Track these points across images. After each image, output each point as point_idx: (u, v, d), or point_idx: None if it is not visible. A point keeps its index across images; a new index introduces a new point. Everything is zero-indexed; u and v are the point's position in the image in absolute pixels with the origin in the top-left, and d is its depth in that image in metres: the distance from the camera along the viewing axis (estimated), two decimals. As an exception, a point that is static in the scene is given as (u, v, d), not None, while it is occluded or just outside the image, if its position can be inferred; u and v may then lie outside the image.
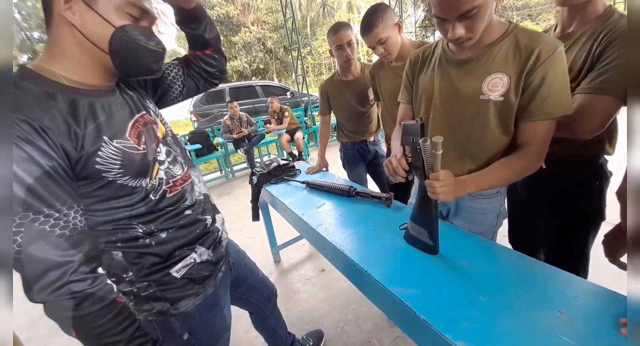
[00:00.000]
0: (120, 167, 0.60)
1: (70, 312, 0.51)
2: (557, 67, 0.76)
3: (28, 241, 0.48)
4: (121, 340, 0.56)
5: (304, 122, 5.45)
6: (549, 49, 0.76)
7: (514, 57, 0.80)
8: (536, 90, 0.79)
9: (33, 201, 0.48)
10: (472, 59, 0.86)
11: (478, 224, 1.03)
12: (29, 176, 0.48)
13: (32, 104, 0.52)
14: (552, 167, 1.00)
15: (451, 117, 0.93)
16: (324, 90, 1.94)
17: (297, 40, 6.18)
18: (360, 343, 1.51)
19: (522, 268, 0.80)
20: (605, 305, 0.66)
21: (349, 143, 2.00)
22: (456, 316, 0.67)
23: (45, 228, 0.49)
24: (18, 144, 0.48)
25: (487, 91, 0.84)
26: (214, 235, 0.81)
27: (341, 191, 1.41)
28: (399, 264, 0.89)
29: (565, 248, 1.06)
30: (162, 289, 0.70)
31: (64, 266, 0.51)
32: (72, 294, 0.51)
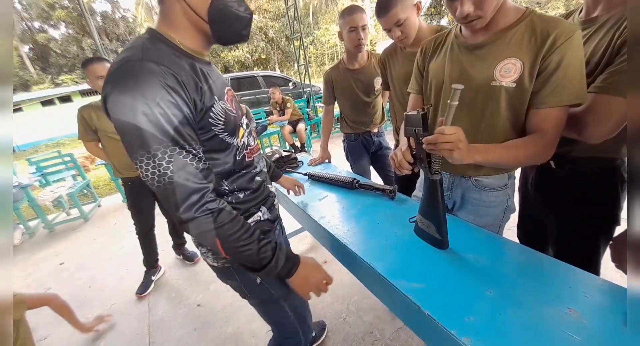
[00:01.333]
0: (223, 124, 0.70)
1: (212, 225, 0.64)
2: (574, 52, 0.73)
3: (177, 170, 0.59)
4: (253, 240, 0.69)
5: (307, 114, 5.40)
6: (567, 33, 0.72)
7: (529, 42, 0.77)
8: (550, 75, 0.75)
9: (179, 138, 0.59)
10: (485, 44, 0.83)
11: (483, 217, 1.01)
12: (175, 118, 0.58)
13: (172, 61, 0.61)
14: (564, 167, 0.96)
15: (461, 104, 0.89)
16: (328, 78, 1.89)
17: (299, 30, 6.06)
18: (362, 334, 1.51)
19: (529, 262, 0.78)
20: (614, 300, 0.64)
21: (353, 134, 1.97)
22: (461, 311, 0.66)
23: (187, 161, 0.60)
24: (168, 91, 0.57)
25: (499, 77, 0.81)
26: (272, 199, 0.91)
27: (344, 183, 1.40)
28: (402, 257, 0.88)
29: (575, 253, 0.99)
30: None
31: (202, 191, 0.63)
32: (210, 210, 0.63)
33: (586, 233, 0.98)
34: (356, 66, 1.79)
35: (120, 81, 0.56)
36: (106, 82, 0.58)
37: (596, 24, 0.82)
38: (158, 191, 0.60)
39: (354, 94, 1.83)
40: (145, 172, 0.59)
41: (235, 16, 0.67)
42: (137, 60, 0.57)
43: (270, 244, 0.73)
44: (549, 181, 1.03)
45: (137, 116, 0.55)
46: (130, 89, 0.55)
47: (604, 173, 0.91)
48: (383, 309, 1.63)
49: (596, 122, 0.77)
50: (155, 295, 2.10)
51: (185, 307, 1.91)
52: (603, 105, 0.75)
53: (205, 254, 0.84)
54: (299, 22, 6.04)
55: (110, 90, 0.56)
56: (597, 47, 0.79)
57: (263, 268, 0.72)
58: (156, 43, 0.63)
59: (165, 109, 0.57)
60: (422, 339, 0.77)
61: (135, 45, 0.62)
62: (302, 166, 1.84)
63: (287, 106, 4.87)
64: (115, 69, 0.57)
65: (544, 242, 1.12)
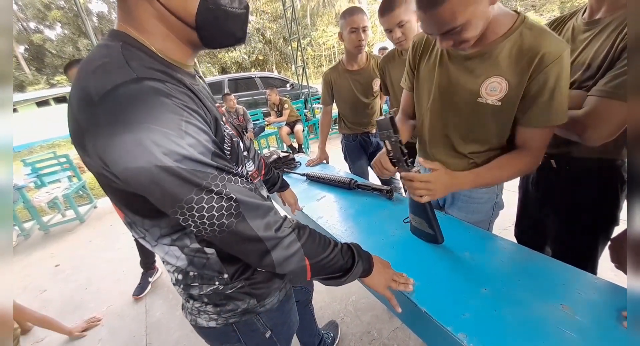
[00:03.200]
0: (229, 154, 0.59)
1: (297, 243, 0.56)
2: (561, 72, 0.73)
3: (241, 196, 0.49)
4: (331, 244, 0.63)
5: (304, 115, 5.40)
6: (554, 53, 0.71)
7: (517, 60, 0.76)
8: (537, 97, 0.76)
9: (222, 164, 0.48)
10: (473, 57, 0.82)
11: (474, 213, 1.03)
12: (209, 143, 0.47)
13: (169, 75, 0.48)
14: (565, 168, 0.97)
15: (449, 114, 0.92)
16: (327, 78, 1.90)
17: (296, 31, 6.08)
18: (360, 334, 1.52)
19: (524, 261, 0.80)
20: (607, 298, 0.65)
21: (351, 135, 1.99)
22: (457, 309, 0.67)
23: (241, 185, 0.51)
24: (189, 113, 0.45)
25: (484, 95, 0.82)
26: None
27: (342, 183, 1.40)
28: (400, 256, 0.89)
29: (573, 252, 1.00)
30: (251, 283, 0.65)
31: (272, 208, 0.54)
32: (289, 227, 0.55)
33: (585, 232, 0.99)
34: (355, 67, 1.80)
35: (122, 117, 0.40)
36: (97, 124, 0.42)
37: (599, 26, 0.81)
38: (229, 230, 0.48)
39: (352, 95, 1.84)
40: (201, 218, 0.46)
41: (231, 15, 0.53)
42: (134, 81, 0.42)
43: (340, 243, 0.67)
44: (549, 180, 1.04)
45: (166, 157, 0.41)
46: (142, 124, 0.40)
47: (604, 173, 0.92)
48: (381, 309, 1.64)
49: (596, 125, 0.77)
50: (152, 296, 2.09)
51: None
52: (603, 109, 0.75)
53: (197, 316, 0.67)
54: (296, 24, 6.06)
55: (112, 133, 0.41)
56: (599, 50, 0.79)
57: (350, 269, 0.66)
58: (137, 53, 0.48)
59: (196, 136, 0.45)
60: (419, 336, 0.78)
61: (111, 60, 0.45)
62: (300, 166, 1.85)
63: (285, 107, 4.88)
64: (107, 102, 0.41)
65: (542, 241, 1.14)
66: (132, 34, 0.49)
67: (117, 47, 0.47)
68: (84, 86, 0.43)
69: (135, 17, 0.49)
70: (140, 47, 0.49)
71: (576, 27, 0.87)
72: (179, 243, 0.57)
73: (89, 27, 3.77)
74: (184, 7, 0.49)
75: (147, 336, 1.74)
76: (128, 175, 0.42)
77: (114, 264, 2.55)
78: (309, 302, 1.21)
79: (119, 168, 0.42)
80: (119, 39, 0.48)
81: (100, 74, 0.43)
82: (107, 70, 0.43)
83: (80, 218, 3.59)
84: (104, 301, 2.11)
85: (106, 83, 0.42)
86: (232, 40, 0.57)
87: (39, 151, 10.63)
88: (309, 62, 20.67)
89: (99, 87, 0.42)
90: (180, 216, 0.46)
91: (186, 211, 0.45)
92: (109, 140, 0.41)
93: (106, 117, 0.41)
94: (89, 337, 1.81)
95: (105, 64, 0.44)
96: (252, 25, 19.40)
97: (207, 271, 0.61)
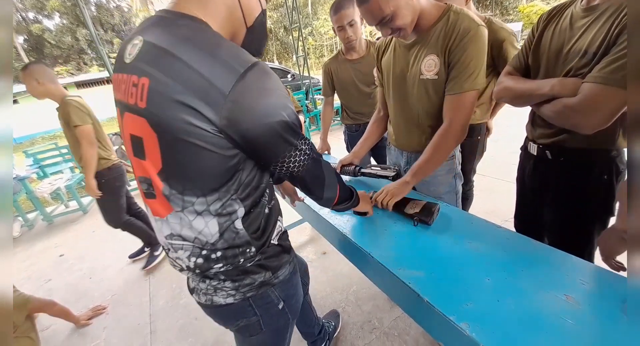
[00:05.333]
0: None
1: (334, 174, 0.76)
2: (473, 46, 0.88)
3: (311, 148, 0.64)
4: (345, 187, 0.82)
5: (305, 106, 5.36)
6: (466, 29, 0.88)
7: (444, 39, 0.92)
8: (453, 67, 0.92)
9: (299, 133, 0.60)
10: (414, 44, 1.01)
11: (439, 185, 1.18)
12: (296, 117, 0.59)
13: None
14: (559, 158, 0.97)
15: (403, 95, 1.10)
16: (327, 69, 1.87)
17: (297, 20, 5.97)
18: (361, 323, 1.54)
19: (527, 251, 0.79)
20: (611, 288, 0.65)
21: (354, 125, 1.96)
22: (460, 298, 0.67)
23: None
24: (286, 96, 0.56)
25: (425, 72, 0.99)
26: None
27: (346, 171, 1.36)
28: (402, 246, 0.88)
29: (569, 243, 0.99)
30: (266, 257, 0.69)
31: None
32: None
33: (581, 223, 0.99)
34: (355, 56, 1.77)
35: (264, 86, 0.52)
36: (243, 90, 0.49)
37: (596, 13, 0.80)
38: (310, 168, 0.64)
39: (353, 85, 1.82)
40: (298, 161, 0.61)
41: (265, 33, 0.68)
42: (255, 63, 0.52)
43: (343, 183, 0.82)
44: (544, 171, 1.04)
45: (289, 113, 0.56)
46: (277, 91, 0.54)
47: (598, 164, 0.91)
48: (382, 298, 1.65)
49: (590, 112, 0.76)
50: (156, 285, 2.12)
51: (185, 297, 1.93)
52: (597, 95, 0.74)
53: (213, 294, 0.69)
54: (297, 13, 5.95)
55: (258, 96, 0.51)
56: (596, 36, 0.78)
57: (351, 197, 0.85)
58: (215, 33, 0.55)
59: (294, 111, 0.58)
60: (421, 326, 0.78)
61: (226, 42, 0.53)
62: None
63: (286, 97, 4.84)
64: (252, 74, 0.50)
65: (540, 232, 1.13)
66: (201, 18, 0.55)
67: (212, 31, 0.54)
68: (225, 65, 0.49)
69: (210, 5, 0.56)
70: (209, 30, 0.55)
71: (574, 14, 0.86)
72: (226, 209, 0.60)
73: (87, 16, 3.71)
74: (251, 8, 0.61)
75: (151, 324, 1.77)
76: (261, 130, 0.52)
77: (118, 254, 2.58)
78: (306, 293, 1.21)
79: (255, 124, 0.51)
80: (201, 23, 0.54)
81: (236, 55, 0.51)
82: (239, 52, 0.52)
83: (83, 209, 3.61)
84: (108, 290, 2.14)
85: (245, 60, 0.50)
86: (257, 52, 0.67)
87: (41, 142, 10.66)
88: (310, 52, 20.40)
89: (241, 62, 0.50)
90: (287, 158, 0.59)
91: (288, 154, 0.59)
92: (253, 101, 0.50)
93: (253, 85, 0.50)
94: (94, 325, 1.84)
95: (232, 48, 0.52)
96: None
97: (233, 249, 0.63)
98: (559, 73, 0.88)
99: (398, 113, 1.17)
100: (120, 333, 1.75)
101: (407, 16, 0.90)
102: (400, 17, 0.89)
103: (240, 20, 0.60)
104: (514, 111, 1.51)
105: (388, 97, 1.20)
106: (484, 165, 1.77)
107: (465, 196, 1.81)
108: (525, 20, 14.49)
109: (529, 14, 14.99)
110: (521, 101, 0.95)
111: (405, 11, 0.89)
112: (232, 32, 0.61)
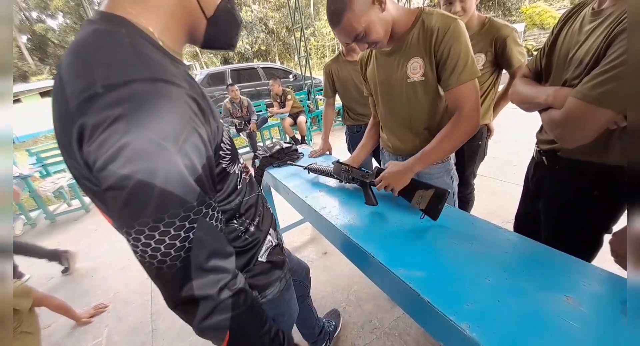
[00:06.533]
0: (230, 153, 0.56)
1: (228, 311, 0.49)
2: (456, 39, 0.89)
3: (199, 239, 0.44)
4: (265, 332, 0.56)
5: (307, 106, 5.37)
6: (444, 26, 0.90)
7: (423, 40, 0.94)
8: (444, 64, 0.93)
9: (204, 194, 0.44)
10: (394, 51, 1.02)
11: None
12: (199, 166, 0.43)
13: (178, 74, 0.44)
14: (554, 165, 0.95)
15: (392, 101, 1.12)
16: (328, 70, 1.88)
17: (300, 21, 5.98)
18: (362, 323, 1.54)
19: (527, 252, 0.79)
20: (612, 289, 0.65)
21: (355, 126, 1.97)
22: (460, 298, 0.67)
23: (212, 222, 0.46)
24: (195, 128, 0.42)
25: (411, 75, 1.00)
26: (273, 219, 0.79)
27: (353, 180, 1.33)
28: (403, 246, 0.88)
29: None
30: (251, 275, 0.66)
31: (230, 256, 0.50)
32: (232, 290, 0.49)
33: (570, 238, 0.95)
34: (355, 57, 1.77)
35: (124, 116, 0.37)
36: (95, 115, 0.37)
37: (600, 18, 0.75)
38: (168, 271, 0.42)
39: (354, 86, 1.82)
40: (146, 247, 0.40)
41: (235, 22, 0.58)
42: (149, 81, 0.39)
43: (279, 335, 0.60)
44: (540, 177, 1.03)
45: (155, 171, 0.38)
46: (147, 129, 0.37)
47: (589, 178, 0.88)
48: (382, 299, 1.65)
49: (570, 128, 0.74)
50: (157, 284, 2.13)
51: (187, 296, 1.93)
52: (578, 112, 0.71)
53: None
54: (299, 13, 5.96)
55: (110, 129, 0.37)
56: (592, 45, 0.74)
57: None
58: (144, 44, 0.43)
59: (192, 156, 0.41)
60: (421, 326, 0.78)
61: (121, 50, 0.40)
62: (302, 158, 1.84)
63: (288, 98, 4.84)
64: (112, 95, 0.37)
65: (535, 236, 1.12)
66: (131, 18, 0.45)
67: (122, 35, 0.42)
68: (87, 76, 0.39)
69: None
70: (143, 35, 0.45)
71: (585, 16, 0.82)
72: None
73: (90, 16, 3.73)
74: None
75: (152, 323, 1.78)
76: (113, 178, 0.37)
77: (119, 253, 2.59)
78: (307, 296, 1.22)
79: (108, 172, 0.37)
80: (119, 25, 0.43)
81: (109, 67, 0.39)
82: (119, 63, 0.39)
83: (85, 208, 3.63)
84: (110, 289, 2.15)
85: (116, 76, 0.38)
86: (226, 44, 0.60)
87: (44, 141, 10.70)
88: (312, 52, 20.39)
89: (107, 79, 0.38)
90: (131, 235, 0.40)
91: (132, 233, 0.40)
92: (103, 135, 0.37)
93: (108, 111, 0.37)
94: (96, 323, 1.85)
95: (116, 56, 0.40)
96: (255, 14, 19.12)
97: None
98: (560, 81, 0.85)
99: (389, 119, 1.18)
100: (122, 331, 1.76)
101: (380, 30, 0.91)
102: (374, 32, 0.90)
103: (197, 11, 0.51)
104: (516, 112, 1.51)
105: (378, 105, 1.21)
106: (486, 166, 1.78)
107: (465, 199, 1.81)
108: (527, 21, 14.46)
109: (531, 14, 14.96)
110: (525, 107, 0.93)
111: (378, 25, 0.90)
112: (189, 26, 0.52)
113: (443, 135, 0.99)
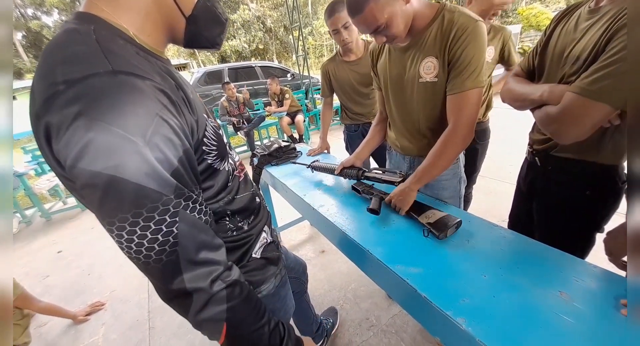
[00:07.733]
0: (216, 148, 0.55)
1: (224, 303, 0.49)
2: (473, 43, 0.84)
3: (185, 232, 0.44)
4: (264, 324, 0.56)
5: (305, 105, 5.36)
6: (463, 26, 0.84)
7: (440, 39, 0.89)
8: (453, 65, 0.89)
9: (183, 187, 0.44)
10: (410, 47, 0.98)
11: (443, 190, 1.15)
12: (175, 158, 0.42)
13: (150, 69, 0.44)
14: (547, 166, 0.97)
15: (402, 99, 1.08)
16: (325, 70, 1.88)
17: (298, 19, 5.97)
18: (359, 320, 1.55)
19: (523, 249, 0.81)
20: (605, 285, 0.66)
21: (353, 125, 1.98)
22: (457, 294, 0.68)
23: (195, 215, 0.45)
24: (164, 119, 0.41)
25: (423, 75, 0.96)
26: (269, 217, 0.80)
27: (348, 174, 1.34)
28: (400, 244, 0.89)
29: None
30: (246, 271, 0.66)
31: (219, 248, 0.50)
32: (225, 282, 0.49)
33: (563, 238, 0.95)
34: (352, 57, 1.78)
35: (86, 111, 0.36)
36: (58, 113, 0.37)
37: (597, 15, 0.75)
38: (155, 265, 0.43)
39: (351, 86, 1.83)
40: (130, 243, 0.40)
41: (218, 19, 0.56)
42: (108, 74, 0.38)
43: (279, 327, 0.59)
44: (533, 178, 1.04)
45: (125, 166, 0.37)
46: (105, 124, 0.36)
47: (583, 178, 0.89)
48: (380, 296, 1.66)
49: (567, 123, 0.73)
50: (155, 282, 2.12)
51: (184, 294, 1.93)
52: (576, 107, 0.70)
53: None
54: (297, 12, 5.94)
55: (72, 126, 0.36)
56: (590, 41, 0.74)
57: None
58: (113, 39, 0.43)
59: (163, 148, 0.40)
60: (418, 321, 0.79)
61: (86, 47, 0.40)
62: (301, 156, 1.84)
63: (286, 97, 4.83)
64: (72, 91, 0.37)
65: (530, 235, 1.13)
66: (105, 16, 0.44)
67: (90, 31, 0.42)
68: (50, 75, 0.38)
69: None
70: (116, 31, 0.44)
71: (581, 15, 0.82)
72: None
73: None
74: None
75: (150, 321, 1.78)
76: (84, 176, 0.37)
77: (116, 251, 2.57)
78: (305, 292, 1.23)
79: (79, 169, 0.37)
80: (89, 22, 0.43)
81: (70, 63, 0.39)
82: (80, 58, 0.39)
83: (81, 206, 3.61)
84: (107, 287, 2.14)
85: (75, 71, 0.38)
86: (210, 43, 0.58)
87: (39, 139, 10.60)
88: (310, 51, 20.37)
89: (67, 75, 0.37)
90: (114, 232, 0.40)
91: (115, 230, 0.40)
92: (76, 135, 0.36)
93: (68, 108, 0.36)
94: (93, 321, 1.84)
95: (78, 52, 0.40)
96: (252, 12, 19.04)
97: None
98: (557, 78, 0.86)
99: (399, 117, 1.14)
100: (119, 329, 1.76)
101: (401, 24, 0.87)
102: (394, 25, 0.86)
103: (174, 10, 0.50)
104: (509, 113, 1.53)
105: (387, 102, 1.17)
106: (482, 166, 1.79)
107: (465, 198, 1.83)
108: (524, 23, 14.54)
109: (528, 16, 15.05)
110: (518, 105, 0.92)
111: (400, 18, 0.86)
112: (167, 25, 0.52)
113: (437, 151, 0.97)
